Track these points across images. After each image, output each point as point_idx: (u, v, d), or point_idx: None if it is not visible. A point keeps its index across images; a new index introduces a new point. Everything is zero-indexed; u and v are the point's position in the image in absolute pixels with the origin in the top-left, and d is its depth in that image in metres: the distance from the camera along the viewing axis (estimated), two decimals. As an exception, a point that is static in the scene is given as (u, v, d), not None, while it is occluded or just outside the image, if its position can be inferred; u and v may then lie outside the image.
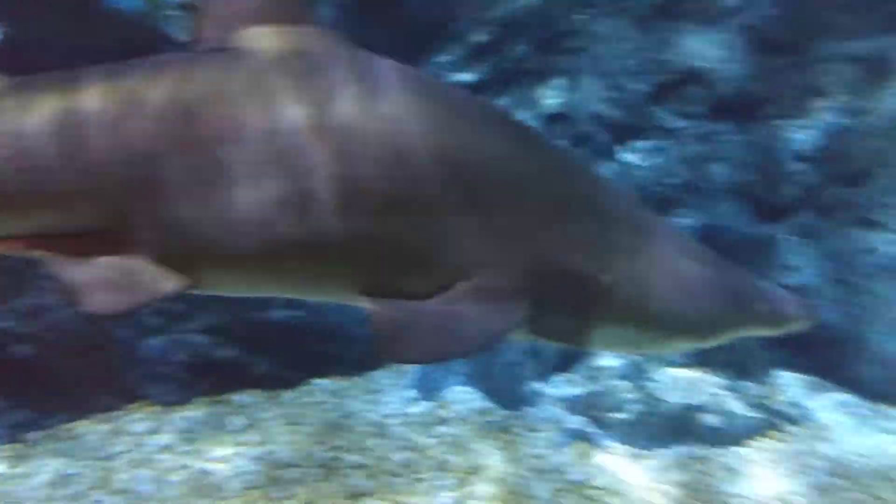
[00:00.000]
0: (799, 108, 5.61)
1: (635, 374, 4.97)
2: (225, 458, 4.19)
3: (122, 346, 4.65)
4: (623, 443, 4.55)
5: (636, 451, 4.50)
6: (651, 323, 2.51)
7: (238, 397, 4.79)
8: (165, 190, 1.96)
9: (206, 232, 1.99)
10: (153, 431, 4.43)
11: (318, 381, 5.05)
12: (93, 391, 4.61)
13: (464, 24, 6.00)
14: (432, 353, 2.16)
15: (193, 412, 4.64)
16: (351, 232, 2.05)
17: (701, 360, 5.10)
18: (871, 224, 5.41)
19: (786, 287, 2.96)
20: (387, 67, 2.23)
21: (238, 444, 4.33)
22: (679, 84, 5.71)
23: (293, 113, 2.00)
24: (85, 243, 2.00)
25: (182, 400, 4.71)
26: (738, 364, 5.12)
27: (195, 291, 2.11)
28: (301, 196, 1.99)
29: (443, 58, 5.92)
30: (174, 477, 4.01)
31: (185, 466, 4.09)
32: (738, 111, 5.64)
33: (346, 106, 2.04)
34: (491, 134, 2.28)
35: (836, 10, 5.60)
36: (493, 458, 4.31)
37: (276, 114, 1.99)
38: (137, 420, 4.53)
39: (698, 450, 4.52)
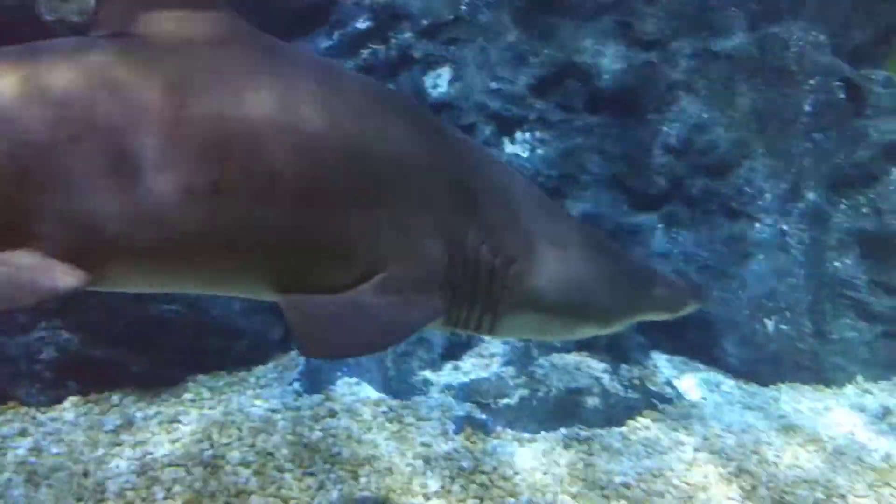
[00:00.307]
0: (668, 102, 5.86)
1: (521, 360, 5.07)
2: (100, 459, 3.97)
3: None
4: (511, 428, 4.64)
5: (523, 435, 4.60)
6: (558, 310, 2.55)
7: (114, 396, 4.55)
8: (63, 181, 1.84)
9: (108, 225, 1.88)
10: (22, 434, 4.14)
11: (199, 376, 4.87)
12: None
13: (345, 9, 5.91)
14: (351, 346, 2.12)
15: (65, 413, 4.37)
16: (261, 225, 1.98)
17: (583, 344, 5.26)
18: (735, 213, 5.74)
19: (677, 273, 3.09)
20: (294, 55, 2.18)
21: (114, 444, 4.12)
22: (559, 77, 5.84)
23: (198, 102, 1.92)
24: None
25: (53, 400, 4.43)
26: (617, 348, 5.32)
27: (97, 288, 1.99)
28: (208, 188, 1.91)
29: (324, 43, 5.81)
30: (46, 481, 3.77)
31: (56, 469, 3.85)
32: (615, 105, 5.84)
33: (254, 95, 1.97)
34: (400, 124, 2.26)
35: (701, 9, 5.89)
36: (383, 449, 4.29)
37: (181, 102, 1.90)
38: (5, 422, 4.22)
39: (582, 431, 4.68)
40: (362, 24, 5.85)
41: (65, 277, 1.87)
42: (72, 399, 4.49)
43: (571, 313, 2.60)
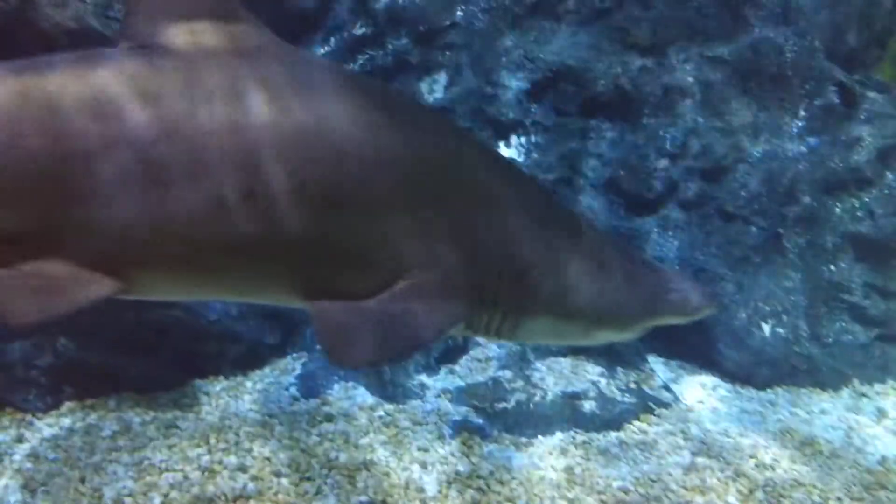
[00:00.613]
0: (663, 106, 5.88)
1: (517, 364, 5.08)
2: (97, 465, 3.97)
3: None
4: (507, 432, 4.64)
5: (520, 439, 4.60)
6: (577, 315, 2.58)
7: (111, 402, 4.55)
8: (94, 191, 1.86)
9: (139, 234, 1.90)
10: (19, 440, 4.14)
11: (196, 381, 4.87)
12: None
13: (342, 15, 5.93)
14: (377, 354, 2.12)
15: (62, 419, 4.37)
16: (289, 233, 2.01)
17: (579, 348, 5.27)
18: (731, 217, 5.76)
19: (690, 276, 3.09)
20: (318, 65, 2.22)
21: (112, 450, 4.12)
22: (554, 82, 5.86)
23: (227, 112, 1.94)
24: (4, 250, 1.86)
25: (50, 406, 4.42)
26: (613, 351, 5.33)
27: (127, 296, 2.01)
28: (237, 197, 1.93)
29: (321, 49, 5.83)
30: (43, 487, 3.76)
31: (54, 475, 3.85)
32: (610, 109, 5.86)
33: (281, 105, 1.99)
34: (422, 132, 2.29)
35: (696, 14, 5.92)
36: (380, 454, 4.30)
37: (209, 113, 1.92)
38: (1, 428, 4.21)
39: (579, 436, 4.68)
40: (359, 30, 5.87)
41: (98, 286, 1.89)
42: (69, 405, 4.48)
43: (590, 318, 2.62)
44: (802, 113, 5.85)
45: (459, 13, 5.89)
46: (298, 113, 2.01)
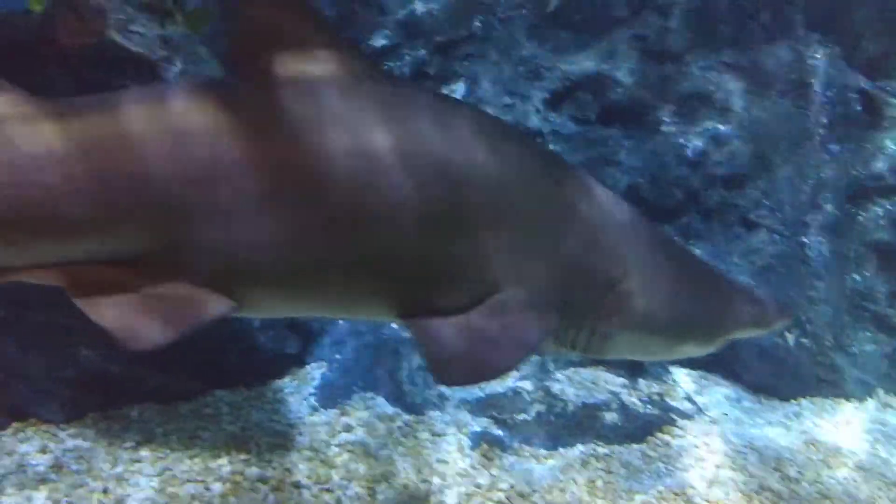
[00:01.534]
0: (683, 114, 5.85)
1: (537, 374, 5.06)
2: (120, 475, 3.98)
3: (4, 362, 4.35)
4: (527, 444, 4.61)
5: (541, 451, 4.57)
6: (664, 330, 2.64)
7: (133, 412, 4.57)
8: (213, 213, 1.96)
9: (253, 254, 1.99)
10: (42, 450, 4.16)
11: (218, 392, 4.89)
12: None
13: (362, 27, 5.95)
14: (482, 371, 2.19)
15: (85, 430, 4.39)
16: (389, 252, 2.12)
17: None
18: (753, 225, 5.71)
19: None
20: (414, 91, 2.40)
21: (134, 460, 4.13)
22: (572, 91, 5.85)
23: (331, 137, 2.05)
24: (123, 272, 1.94)
25: (72, 417, 4.44)
26: (635, 362, 5.29)
27: (236, 314, 2.08)
28: (345, 218, 2.04)
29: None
30: (66, 498, 3.78)
31: (76, 486, 3.87)
32: (629, 117, 5.84)
33: (381, 129, 2.10)
34: (513, 153, 2.38)
35: (716, 22, 5.89)
36: (399, 465, 4.28)
37: (319, 139, 2.04)
38: (25, 439, 4.24)
39: (600, 448, 4.65)
40: (380, 42, 5.89)
41: (215, 305, 1.97)
42: (91, 415, 4.50)
43: (675, 333, 2.67)
44: (824, 121, 5.80)
45: (477, 24, 5.91)
46: (400, 137, 2.11)
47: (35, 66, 1.97)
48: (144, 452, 4.22)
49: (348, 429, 4.59)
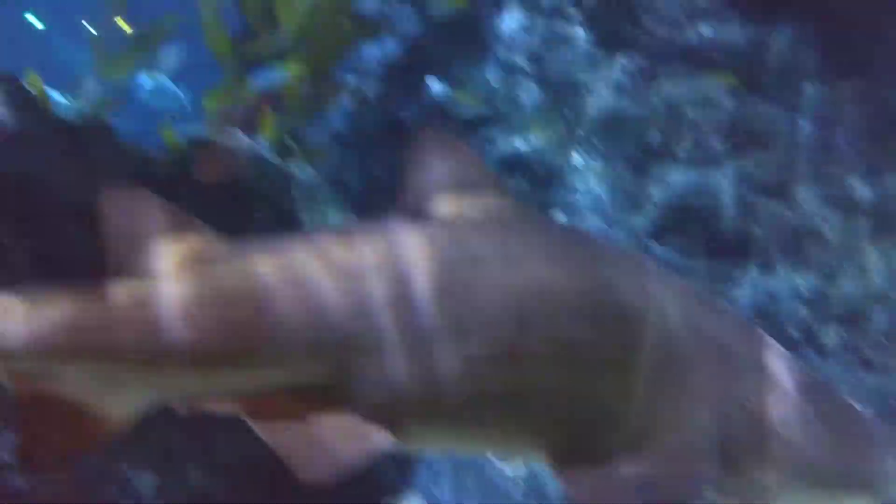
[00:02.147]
0: (792, 250, 5.75)
1: None
2: None
3: (114, 482, 4.17)
4: None
5: None
6: (825, 481, 2.54)
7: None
8: (379, 346, 2.00)
9: (413, 388, 2.02)
10: None
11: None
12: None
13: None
14: None
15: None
16: (546, 392, 2.12)
17: None
18: (871, 365, 5.48)
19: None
20: (569, 232, 2.56)
21: None
22: (678, 222, 5.80)
23: (493, 274, 2.11)
24: (302, 401, 1.99)
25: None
26: None
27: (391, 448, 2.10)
28: (503, 356, 2.06)
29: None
30: None
31: None
32: (737, 249, 5.74)
33: (542, 268, 2.16)
34: (667, 295, 2.36)
35: (816, 152, 5.86)
36: None
37: (479, 277, 2.10)
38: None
39: None
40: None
41: (378, 439, 1.98)
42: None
43: (837, 484, 2.57)
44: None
45: (578, 158, 5.95)
46: (556, 276, 2.16)
47: (177, 202, 2.07)
48: None
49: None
